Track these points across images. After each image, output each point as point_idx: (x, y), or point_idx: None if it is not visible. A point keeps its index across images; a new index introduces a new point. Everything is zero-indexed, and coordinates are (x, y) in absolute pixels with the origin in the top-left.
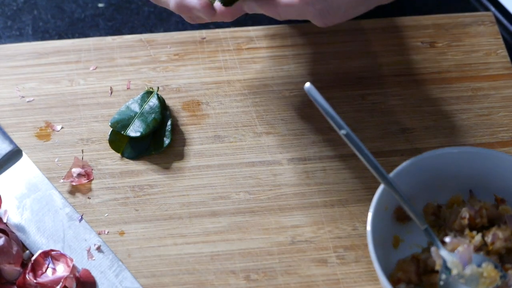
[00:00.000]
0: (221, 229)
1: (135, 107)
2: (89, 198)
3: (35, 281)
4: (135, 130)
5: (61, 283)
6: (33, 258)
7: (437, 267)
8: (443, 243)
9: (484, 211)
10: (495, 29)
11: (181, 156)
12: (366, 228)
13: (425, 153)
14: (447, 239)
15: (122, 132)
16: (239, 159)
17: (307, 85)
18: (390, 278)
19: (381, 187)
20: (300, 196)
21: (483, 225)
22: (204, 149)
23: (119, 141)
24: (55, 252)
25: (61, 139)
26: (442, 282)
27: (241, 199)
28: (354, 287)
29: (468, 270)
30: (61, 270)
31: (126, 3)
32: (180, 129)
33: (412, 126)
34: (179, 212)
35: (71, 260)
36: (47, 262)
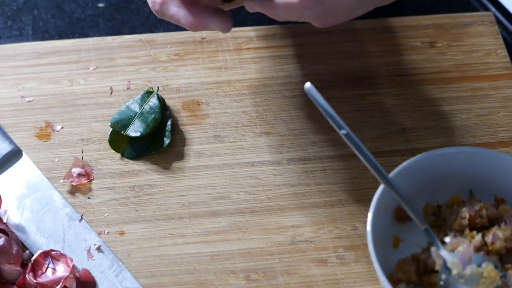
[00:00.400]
0: (221, 229)
1: (135, 107)
2: (89, 198)
3: (35, 281)
4: (135, 130)
5: (61, 283)
6: (33, 258)
7: (437, 267)
8: (443, 243)
9: (484, 211)
10: (495, 29)
11: (181, 156)
12: (366, 228)
13: (425, 153)
14: (447, 239)
15: (122, 132)
16: (239, 159)
17: (307, 85)
18: (390, 278)
19: (381, 187)
20: (300, 196)
21: (483, 225)
22: (204, 149)
23: (119, 141)
24: (55, 252)
25: (61, 139)
26: (442, 282)
27: (241, 199)
28: (354, 287)
29: (468, 270)
30: (61, 270)
31: (126, 3)
32: (180, 129)
33: (412, 126)
34: (179, 212)
35: (71, 260)
36: (47, 262)
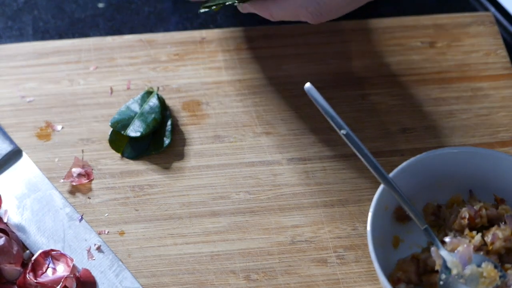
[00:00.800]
0: (221, 229)
1: (135, 107)
2: (89, 198)
3: (35, 281)
4: (135, 130)
5: (61, 283)
6: (34, 258)
7: (437, 267)
8: (443, 243)
9: (484, 211)
10: (495, 29)
11: (181, 156)
12: (366, 228)
13: (425, 153)
14: (447, 239)
15: (122, 132)
16: (239, 159)
17: (307, 85)
18: (390, 278)
19: (381, 187)
20: (300, 196)
21: (483, 225)
22: (204, 149)
23: (119, 141)
24: (55, 252)
25: (61, 139)
26: (442, 282)
27: (241, 199)
28: (354, 287)
29: (468, 270)
30: (61, 270)
31: (126, 3)
32: (180, 129)
33: (412, 126)
34: (179, 212)
35: (71, 260)
36: (47, 262)
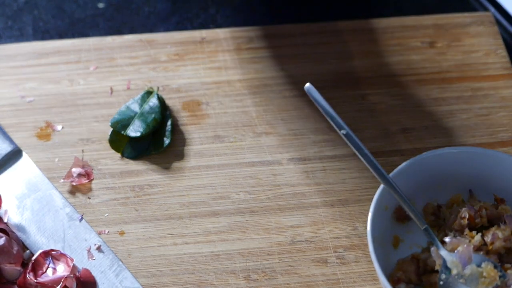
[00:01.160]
0: (221, 229)
1: (135, 107)
2: (89, 198)
3: (35, 280)
4: (135, 130)
5: (61, 283)
6: (34, 258)
7: (437, 267)
8: (443, 243)
9: (483, 211)
10: (495, 30)
11: (181, 156)
12: (366, 228)
13: (425, 153)
14: (447, 239)
15: (122, 132)
16: (239, 159)
17: (307, 85)
18: (390, 278)
19: (381, 187)
20: (300, 196)
21: (482, 225)
22: (204, 149)
23: (119, 141)
24: (55, 252)
25: (61, 139)
26: (442, 282)
27: (241, 199)
28: (354, 287)
29: (468, 270)
30: (62, 270)
31: (126, 3)
32: (180, 129)
33: (412, 126)
34: (179, 212)
35: (72, 260)
36: (47, 262)
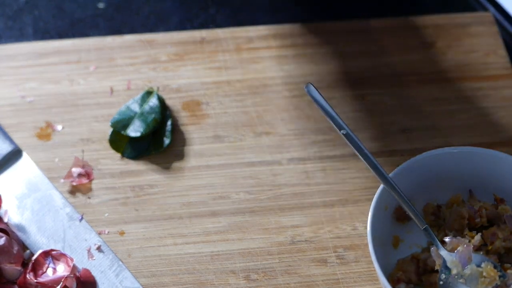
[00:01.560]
0: (221, 229)
1: (135, 107)
2: (89, 198)
3: (35, 280)
4: (135, 130)
5: (61, 282)
6: (34, 257)
7: (437, 267)
8: (443, 243)
9: (483, 211)
10: (495, 30)
11: (181, 156)
12: (366, 228)
13: (425, 153)
14: (447, 239)
15: (122, 132)
16: (239, 159)
17: (307, 85)
18: (390, 278)
19: (381, 187)
20: (300, 196)
21: (482, 225)
22: (204, 149)
23: (119, 141)
24: (55, 252)
25: (62, 139)
26: (441, 282)
27: (241, 199)
28: (354, 287)
29: (468, 270)
30: (62, 269)
31: (126, 3)
32: (180, 129)
33: (412, 126)
34: (179, 212)
35: (72, 259)
36: (47, 262)
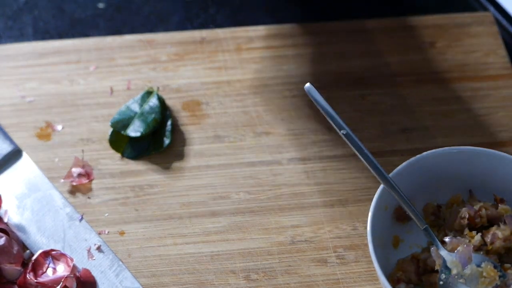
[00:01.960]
0: (221, 229)
1: (135, 107)
2: (89, 198)
3: (35, 280)
4: (135, 130)
5: (61, 282)
6: (34, 257)
7: (437, 267)
8: (443, 243)
9: (483, 211)
10: (495, 30)
11: (181, 156)
12: (366, 228)
13: (425, 153)
14: (446, 239)
15: (122, 132)
16: (239, 159)
17: (307, 85)
18: (390, 278)
19: (381, 187)
20: (300, 196)
21: (482, 225)
22: (204, 149)
23: (119, 141)
24: (55, 252)
25: (62, 139)
26: (441, 282)
27: (241, 199)
28: (354, 287)
29: (468, 270)
30: (62, 269)
31: (126, 3)
32: (180, 129)
33: (412, 126)
34: (179, 212)
35: (72, 260)
36: (47, 262)
